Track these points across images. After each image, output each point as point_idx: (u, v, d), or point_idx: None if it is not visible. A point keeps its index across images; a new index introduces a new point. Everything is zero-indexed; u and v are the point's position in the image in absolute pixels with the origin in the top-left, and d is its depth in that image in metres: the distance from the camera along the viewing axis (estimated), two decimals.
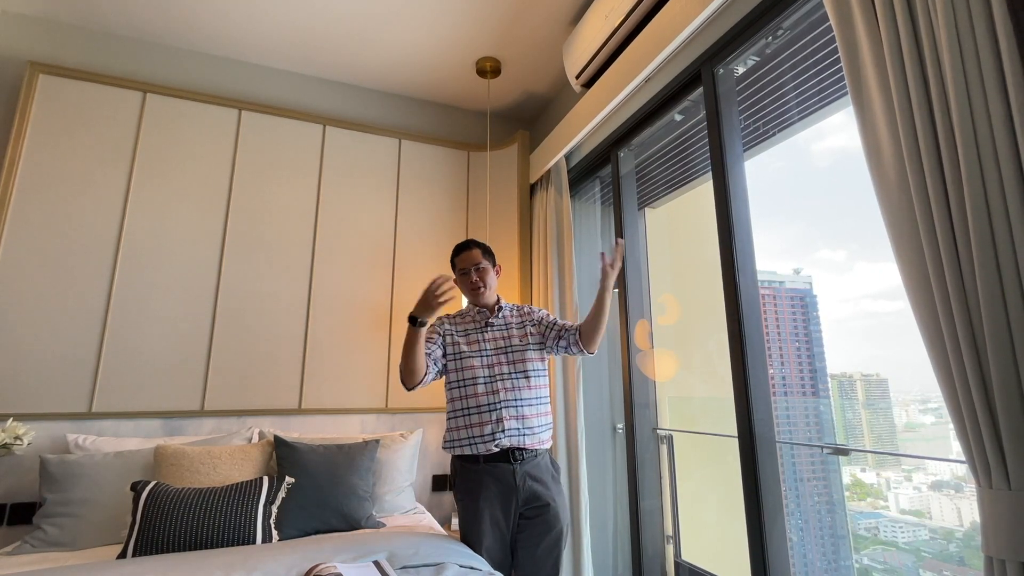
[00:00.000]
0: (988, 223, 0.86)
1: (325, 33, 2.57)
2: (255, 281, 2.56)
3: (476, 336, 1.79)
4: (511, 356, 1.76)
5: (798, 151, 1.99)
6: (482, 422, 1.67)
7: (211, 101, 2.62)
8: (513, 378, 1.73)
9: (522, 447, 1.66)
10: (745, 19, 1.60)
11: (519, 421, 1.68)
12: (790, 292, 1.98)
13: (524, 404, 1.71)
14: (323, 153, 2.81)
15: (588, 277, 2.71)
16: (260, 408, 2.46)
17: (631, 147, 2.35)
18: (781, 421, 1.94)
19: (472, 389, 1.71)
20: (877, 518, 1.63)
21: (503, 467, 1.64)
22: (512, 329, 1.82)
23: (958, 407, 0.87)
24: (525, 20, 2.47)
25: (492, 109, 3.25)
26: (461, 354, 1.75)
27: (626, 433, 2.24)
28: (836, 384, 1.81)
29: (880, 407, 1.68)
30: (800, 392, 1.90)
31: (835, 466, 1.80)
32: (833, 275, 1.83)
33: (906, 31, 1.04)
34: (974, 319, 0.86)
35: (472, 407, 1.69)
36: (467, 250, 1.85)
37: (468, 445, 1.66)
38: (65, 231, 2.29)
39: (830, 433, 1.84)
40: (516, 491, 1.64)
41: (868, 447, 1.75)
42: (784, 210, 2.01)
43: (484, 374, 1.72)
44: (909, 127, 1.01)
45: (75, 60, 2.49)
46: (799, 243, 2.02)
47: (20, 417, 2.08)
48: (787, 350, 1.94)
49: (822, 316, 1.90)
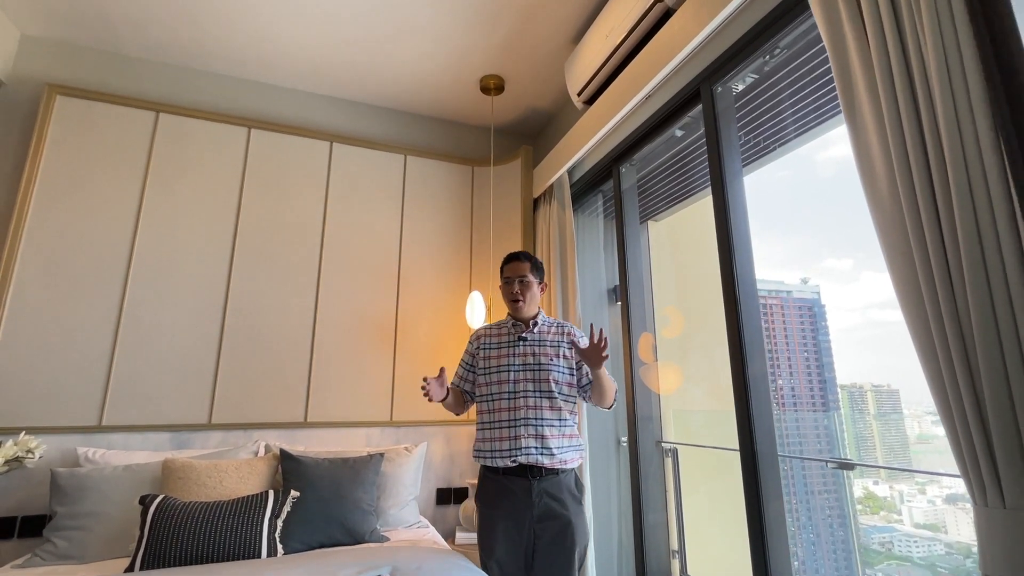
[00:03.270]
0: (978, 240, 0.88)
1: (332, 53, 2.64)
2: (263, 295, 2.60)
3: (507, 350, 1.79)
4: (538, 374, 1.73)
5: (803, 161, 1.99)
6: (501, 437, 1.68)
7: (221, 120, 2.68)
8: (536, 396, 1.71)
9: (539, 466, 1.64)
10: (742, 39, 1.63)
11: (538, 440, 1.66)
12: (798, 302, 1.97)
13: (544, 424, 1.68)
14: (330, 169, 2.86)
15: (592, 290, 2.73)
16: (266, 421, 2.48)
17: (632, 162, 2.38)
18: (791, 433, 1.92)
19: (496, 403, 1.72)
20: (890, 532, 1.60)
21: (520, 481, 1.64)
22: (545, 347, 1.78)
23: (952, 425, 0.88)
24: (528, 39, 2.52)
25: (496, 125, 3.30)
26: (489, 369, 1.77)
27: (629, 446, 2.24)
28: (846, 395, 1.79)
29: (891, 419, 1.66)
30: (810, 403, 1.87)
31: (846, 479, 1.77)
32: (840, 284, 1.82)
33: (896, 55, 1.06)
34: (966, 335, 0.87)
35: (494, 421, 1.71)
36: (516, 260, 1.86)
37: (489, 457, 1.69)
38: (79, 247, 2.35)
39: (840, 446, 1.82)
40: (532, 506, 1.63)
41: (880, 459, 1.73)
42: (790, 220, 2.02)
43: (508, 390, 1.72)
44: (900, 145, 1.03)
45: (91, 81, 2.56)
46: (806, 252, 2.01)
47: (32, 430, 2.12)
48: (796, 360, 1.93)
49: (830, 326, 1.88)
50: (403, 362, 2.79)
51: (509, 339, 1.81)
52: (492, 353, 1.80)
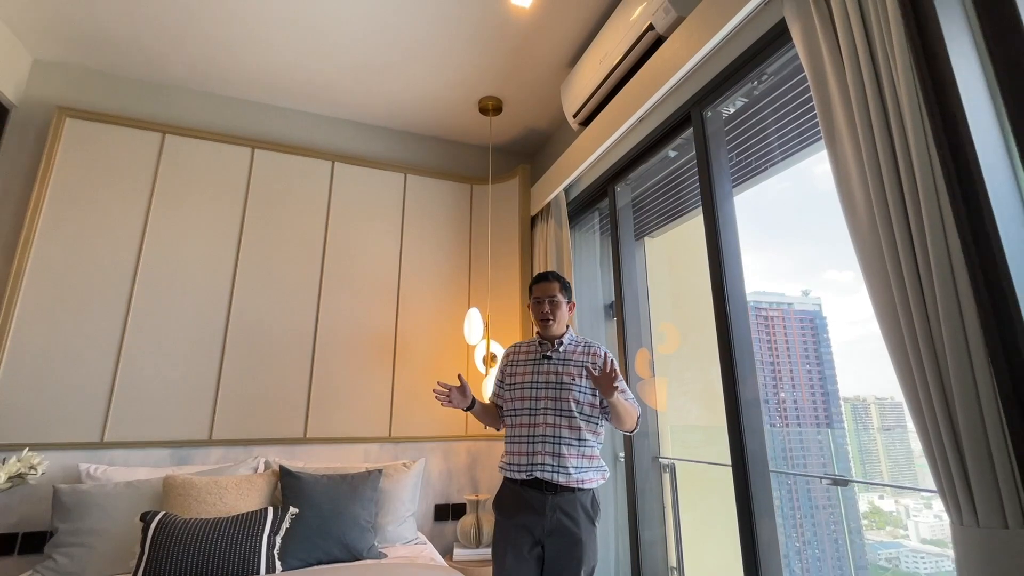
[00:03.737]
0: (949, 265, 0.91)
1: (335, 75, 2.71)
2: (264, 312, 2.64)
3: (531, 368, 1.83)
4: (559, 393, 1.76)
5: (802, 174, 1.99)
6: (520, 452, 1.72)
7: (226, 140, 2.75)
8: (555, 415, 1.73)
9: (555, 483, 1.66)
10: (730, 67, 1.69)
11: (554, 458, 1.67)
12: (799, 314, 1.98)
13: (562, 442, 1.69)
14: (331, 188, 2.92)
15: (589, 306, 2.76)
16: (266, 437, 2.50)
17: (628, 181, 2.43)
18: (794, 447, 1.92)
19: (519, 419, 1.77)
20: (897, 548, 1.59)
21: (535, 494, 1.67)
22: (569, 367, 1.80)
23: (930, 445, 0.91)
24: (525, 62, 2.59)
25: (494, 144, 3.37)
26: (514, 385, 1.83)
27: (626, 462, 2.25)
28: (849, 408, 1.79)
29: (896, 432, 1.66)
30: (813, 417, 1.87)
31: (840, 495, 1.77)
32: (841, 297, 1.82)
33: (871, 87, 1.11)
34: (939, 357, 0.91)
35: (515, 436, 1.76)
36: (546, 281, 1.90)
37: (508, 469, 1.74)
38: (85, 265, 2.39)
39: (844, 459, 1.81)
40: (543, 519, 1.64)
41: (885, 473, 1.71)
42: (792, 232, 2.02)
43: (529, 406, 1.76)
44: (876, 173, 1.07)
45: (100, 104, 2.64)
46: (807, 264, 2.02)
47: (35, 447, 2.14)
48: (798, 373, 1.93)
49: (832, 338, 1.88)
50: (402, 378, 2.82)
51: (535, 357, 1.85)
52: (518, 370, 1.85)
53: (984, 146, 0.85)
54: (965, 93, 0.86)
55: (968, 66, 0.89)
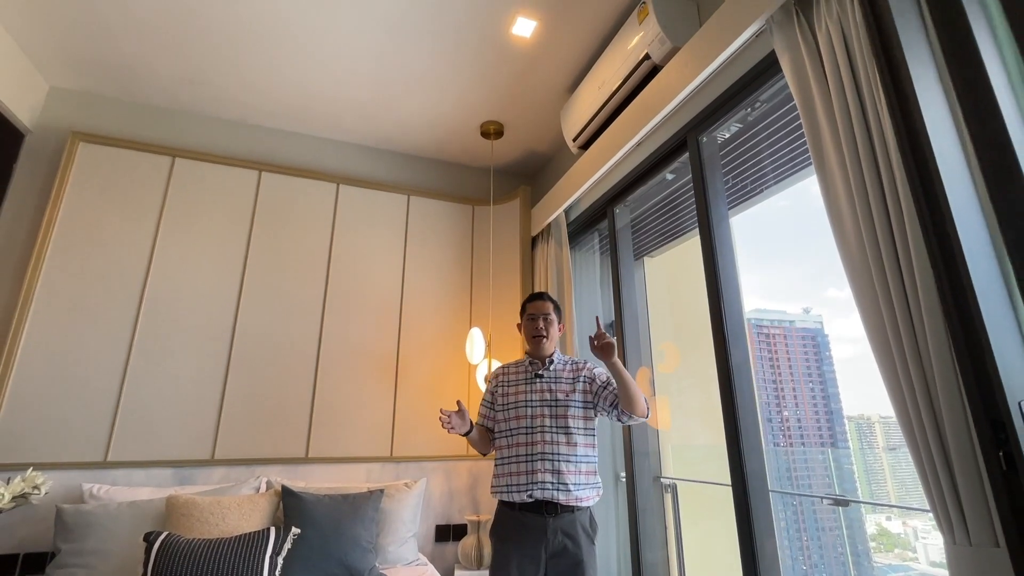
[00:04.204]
0: (935, 285, 0.95)
1: (342, 101, 2.79)
2: (268, 332, 2.67)
3: (525, 387, 1.85)
4: (555, 410, 1.78)
5: (801, 192, 2.01)
6: (519, 472, 1.71)
7: (234, 164, 2.82)
8: (553, 432, 1.75)
9: (555, 502, 1.66)
10: (724, 94, 1.75)
11: (554, 476, 1.68)
12: (800, 331, 1.98)
13: (561, 459, 1.71)
14: (336, 209, 2.98)
15: (588, 325, 2.79)
16: (268, 457, 2.51)
17: (626, 203, 2.49)
18: (799, 467, 1.91)
19: (515, 439, 1.77)
20: (906, 571, 1.57)
21: (535, 518, 1.66)
22: (561, 384, 1.84)
23: (922, 465, 0.93)
24: (526, 88, 2.67)
25: (495, 166, 3.44)
26: (508, 404, 1.83)
27: (627, 482, 2.25)
28: (854, 427, 1.78)
29: (902, 452, 1.63)
30: (817, 435, 1.86)
31: (857, 515, 1.73)
32: (842, 314, 1.82)
33: (857, 116, 1.16)
34: (928, 379, 0.93)
35: (512, 456, 1.75)
36: (540, 300, 1.94)
37: (506, 492, 1.72)
38: (92, 287, 2.44)
39: (850, 480, 1.79)
40: (546, 542, 1.64)
41: (892, 493, 1.70)
42: (792, 250, 2.03)
43: (526, 424, 1.77)
44: (863, 198, 1.12)
45: (113, 129, 2.71)
46: (807, 282, 2.02)
47: (39, 466, 2.16)
48: (801, 392, 1.93)
49: (834, 356, 1.88)
50: (404, 397, 2.84)
51: (527, 376, 1.87)
52: (511, 390, 1.86)
53: (949, 174, 0.89)
54: (930, 122, 0.90)
55: (933, 99, 0.94)
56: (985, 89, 0.78)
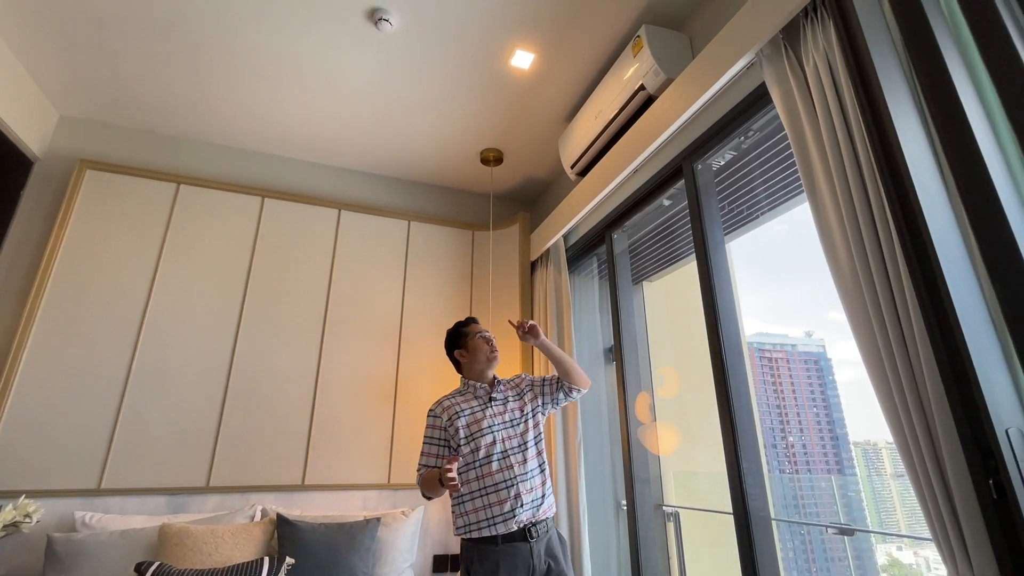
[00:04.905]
0: (932, 312, 0.96)
1: (344, 129, 2.86)
2: (267, 357, 2.67)
3: (481, 412, 1.80)
4: (517, 428, 1.80)
5: (797, 216, 2.02)
6: (500, 500, 1.66)
7: (238, 190, 2.86)
8: (524, 450, 1.76)
9: (536, 519, 1.68)
10: (717, 124, 1.79)
11: (531, 493, 1.70)
12: (803, 355, 1.97)
13: (535, 474, 1.74)
14: (337, 234, 3.01)
15: (588, 349, 2.79)
16: (264, 484, 2.48)
17: (624, 228, 2.52)
18: (805, 494, 1.88)
19: (487, 468, 1.70)
20: None
21: (520, 546, 1.64)
22: (510, 402, 1.86)
23: (923, 495, 0.93)
24: (524, 117, 2.74)
25: (495, 192, 3.49)
26: (472, 435, 1.75)
27: (627, 510, 2.22)
28: (860, 453, 1.75)
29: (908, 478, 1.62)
30: (823, 462, 1.83)
31: (867, 545, 1.70)
32: (844, 338, 1.79)
33: (845, 145, 1.19)
34: (925, 405, 0.94)
35: (489, 486, 1.68)
36: (476, 323, 1.98)
37: (487, 526, 1.64)
38: (93, 312, 2.45)
39: (858, 508, 1.75)
40: (532, 569, 1.63)
41: (902, 522, 1.66)
42: (792, 273, 2.03)
43: (498, 450, 1.73)
44: (854, 225, 1.14)
45: (119, 156, 2.77)
46: (808, 306, 2.01)
47: (32, 494, 2.13)
48: (805, 417, 1.91)
49: (838, 380, 1.86)
50: (402, 424, 2.81)
51: (480, 403, 1.83)
52: (467, 420, 1.78)
53: (930, 205, 0.91)
54: (909, 154, 0.93)
55: (913, 132, 0.97)
56: (960, 120, 0.81)
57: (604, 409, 2.71)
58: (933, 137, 0.95)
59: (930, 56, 0.89)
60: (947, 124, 0.85)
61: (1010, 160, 0.86)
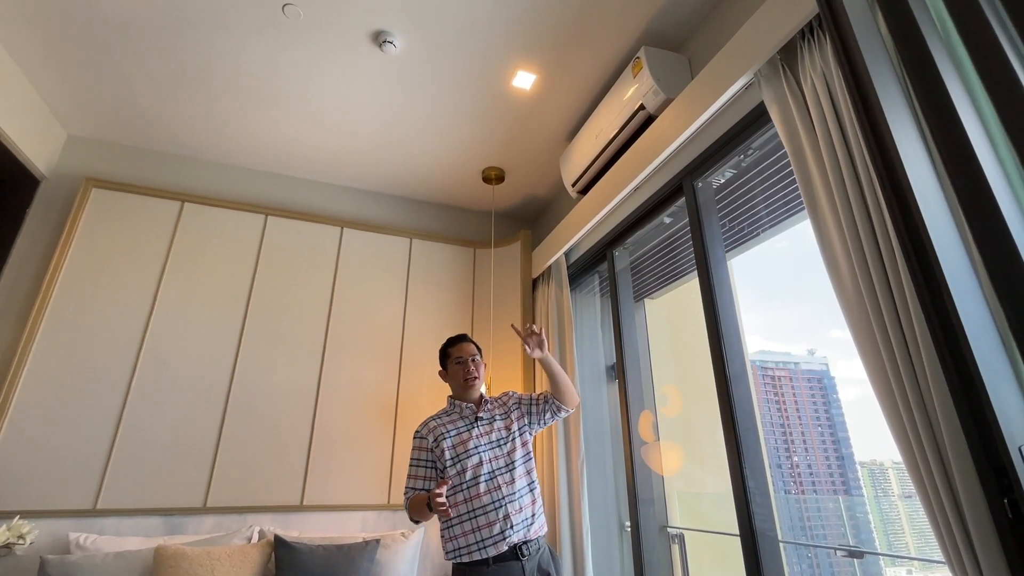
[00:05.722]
0: (935, 328, 0.95)
1: (347, 149, 2.89)
2: (267, 376, 2.65)
3: (467, 433, 1.78)
4: (504, 448, 1.78)
5: (799, 233, 2.01)
6: (489, 522, 1.63)
7: (241, 208, 2.89)
8: (511, 470, 1.74)
9: (527, 539, 1.66)
10: (717, 142, 1.81)
11: (521, 513, 1.68)
12: (806, 373, 1.95)
13: (523, 494, 1.72)
14: (339, 252, 3.02)
15: (590, 366, 2.77)
16: (262, 504, 2.44)
17: (625, 246, 2.52)
18: (812, 515, 1.84)
19: (475, 490, 1.67)
20: None
21: (512, 566, 1.62)
22: (496, 421, 1.84)
23: (933, 513, 0.91)
24: (526, 136, 2.77)
25: (496, 210, 3.51)
26: (458, 456, 1.72)
27: (631, 532, 2.17)
28: (867, 473, 1.72)
29: (919, 499, 1.59)
30: (829, 482, 1.81)
31: (876, 568, 1.65)
32: (848, 356, 1.78)
33: (845, 162, 1.20)
34: (933, 423, 0.92)
35: (477, 508, 1.66)
36: (464, 342, 1.93)
37: (477, 549, 1.61)
38: (93, 331, 2.44)
39: (866, 529, 1.72)
40: None
41: (911, 545, 1.62)
42: (795, 290, 2.02)
43: (485, 471, 1.71)
44: (856, 242, 1.14)
45: (125, 175, 2.80)
46: (811, 323, 1.99)
47: (26, 514, 2.10)
48: (810, 436, 1.88)
49: (842, 399, 1.84)
50: (403, 443, 2.78)
51: (466, 423, 1.81)
52: (454, 441, 1.75)
53: (933, 221, 0.91)
54: (911, 171, 0.93)
55: (913, 148, 0.97)
56: (959, 135, 0.81)
57: (607, 428, 2.68)
58: (932, 152, 0.96)
59: (927, 73, 0.90)
60: (946, 139, 0.86)
61: (1009, 173, 0.86)
